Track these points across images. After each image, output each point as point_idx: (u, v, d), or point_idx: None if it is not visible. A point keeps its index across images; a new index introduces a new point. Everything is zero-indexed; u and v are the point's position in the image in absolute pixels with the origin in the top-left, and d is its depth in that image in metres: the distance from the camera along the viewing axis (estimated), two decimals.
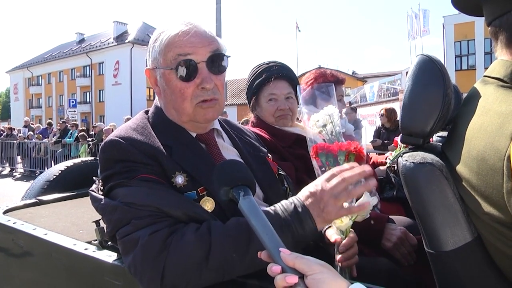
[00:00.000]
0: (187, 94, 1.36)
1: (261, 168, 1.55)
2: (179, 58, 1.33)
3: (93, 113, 45.82)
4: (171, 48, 1.34)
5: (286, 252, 0.91)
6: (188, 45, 1.33)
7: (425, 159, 1.21)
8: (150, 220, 1.17)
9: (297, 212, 1.17)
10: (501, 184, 0.98)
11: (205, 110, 1.39)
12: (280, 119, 2.20)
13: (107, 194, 1.29)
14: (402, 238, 1.78)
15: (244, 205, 1.01)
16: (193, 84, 1.35)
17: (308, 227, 1.16)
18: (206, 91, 1.36)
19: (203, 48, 1.35)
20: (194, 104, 1.37)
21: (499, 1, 1.14)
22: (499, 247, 1.09)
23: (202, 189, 1.30)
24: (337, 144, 1.37)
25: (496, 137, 1.01)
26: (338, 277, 0.88)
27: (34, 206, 2.30)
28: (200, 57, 1.34)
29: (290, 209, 1.18)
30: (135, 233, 1.16)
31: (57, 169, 2.76)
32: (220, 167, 1.14)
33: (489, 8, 1.19)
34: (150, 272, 1.12)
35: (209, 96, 1.37)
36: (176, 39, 1.34)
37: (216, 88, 1.39)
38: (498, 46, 1.19)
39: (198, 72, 1.34)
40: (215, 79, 1.38)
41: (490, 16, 1.18)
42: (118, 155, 1.29)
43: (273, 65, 2.28)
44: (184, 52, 1.33)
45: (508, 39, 1.15)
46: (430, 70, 1.28)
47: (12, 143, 16.57)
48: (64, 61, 49.68)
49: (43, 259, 1.76)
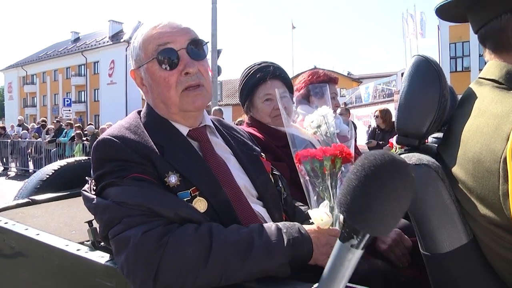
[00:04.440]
0: (172, 82, 1.37)
1: (254, 167, 1.54)
2: (159, 48, 1.36)
3: (88, 112, 45.73)
4: (150, 41, 1.38)
5: None
6: (166, 35, 1.37)
7: (421, 160, 1.20)
8: (141, 219, 1.16)
9: (300, 233, 1.22)
10: (497, 186, 0.98)
11: (193, 98, 1.39)
12: (277, 119, 2.19)
13: (100, 193, 1.27)
14: (397, 240, 1.78)
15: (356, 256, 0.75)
16: (176, 71, 1.37)
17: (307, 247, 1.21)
18: (190, 76, 1.38)
19: (181, 36, 1.38)
20: (180, 91, 1.37)
21: (482, 11, 1.17)
22: (494, 249, 1.09)
23: (195, 189, 1.29)
24: (322, 149, 1.35)
25: (492, 138, 1.01)
26: None
27: (26, 206, 2.28)
28: (179, 45, 1.37)
29: (293, 229, 1.23)
30: (127, 231, 1.15)
31: (50, 169, 2.74)
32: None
33: (474, 18, 1.22)
34: (142, 272, 1.10)
35: (193, 81, 1.38)
36: (153, 31, 1.39)
37: (200, 73, 1.40)
38: (486, 52, 1.22)
39: (180, 59, 1.37)
40: (198, 65, 1.39)
41: (476, 25, 1.21)
42: (111, 153, 1.28)
43: (266, 65, 2.27)
44: (163, 41, 1.36)
45: (494, 45, 1.18)
46: (426, 71, 1.27)
47: (6, 142, 16.48)
48: (59, 60, 49.57)
49: (35, 260, 1.74)
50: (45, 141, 14.95)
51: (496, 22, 1.13)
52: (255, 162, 1.56)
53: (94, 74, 45.76)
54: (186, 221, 1.19)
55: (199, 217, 1.22)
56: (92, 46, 45.98)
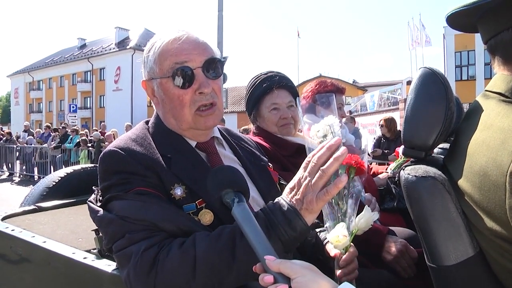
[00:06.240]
0: (186, 101, 1.37)
1: (262, 176, 1.54)
2: (175, 66, 1.35)
3: (93, 118, 45.89)
4: (166, 57, 1.36)
5: (271, 259, 0.91)
6: (183, 53, 1.35)
7: (428, 172, 1.20)
8: (144, 235, 1.17)
9: (282, 211, 1.14)
10: (503, 200, 0.98)
11: (205, 118, 1.39)
12: (284, 128, 2.20)
13: (105, 205, 1.29)
14: (403, 251, 1.78)
15: (238, 211, 1.01)
16: (191, 90, 1.36)
17: (298, 224, 1.12)
18: (204, 95, 1.37)
19: (197, 54, 1.37)
20: (193, 111, 1.38)
21: (492, 22, 1.17)
22: (501, 262, 1.09)
23: (201, 201, 1.29)
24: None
25: (499, 152, 1.01)
26: (321, 278, 0.87)
27: (33, 213, 2.28)
28: (195, 64, 1.36)
29: (274, 209, 1.16)
30: (129, 248, 1.17)
31: (56, 176, 2.75)
32: (215, 172, 1.14)
33: (484, 28, 1.22)
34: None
35: (207, 100, 1.38)
36: (170, 46, 1.36)
37: (214, 93, 1.40)
38: (495, 63, 1.22)
39: (195, 78, 1.36)
40: (212, 84, 1.39)
41: (486, 36, 1.21)
42: (117, 166, 1.29)
43: (272, 75, 2.28)
44: (180, 60, 1.35)
45: (504, 57, 1.18)
46: (432, 84, 1.28)
47: (12, 148, 16.56)
48: (65, 66, 49.88)
49: (42, 267, 1.74)
50: (50, 147, 15.01)
51: (506, 33, 1.13)
52: (263, 172, 1.57)
53: (100, 80, 45.98)
54: (188, 235, 1.19)
55: (201, 230, 1.22)
56: (98, 52, 46.25)
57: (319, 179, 1.12)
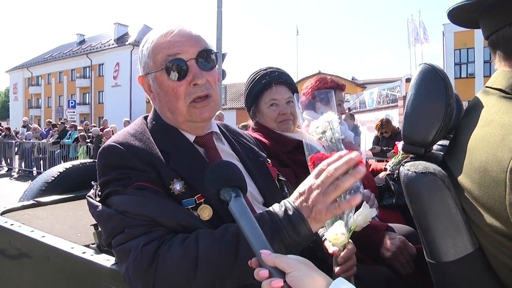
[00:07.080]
0: (180, 93, 1.36)
1: (260, 173, 1.54)
2: (168, 58, 1.35)
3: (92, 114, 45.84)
4: (159, 50, 1.36)
5: (266, 253, 0.90)
6: (175, 45, 1.35)
7: (427, 168, 1.20)
8: (143, 230, 1.17)
9: (288, 215, 1.12)
10: (503, 196, 0.98)
11: (200, 110, 1.39)
12: (283, 124, 2.20)
13: (104, 200, 1.28)
14: (401, 247, 1.78)
15: (235, 206, 1.00)
16: (185, 82, 1.36)
17: (302, 230, 1.10)
18: (198, 87, 1.37)
19: (190, 46, 1.36)
20: (188, 103, 1.37)
21: (494, 17, 1.17)
22: (500, 259, 1.09)
23: (200, 196, 1.29)
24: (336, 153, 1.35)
25: (499, 148, 1.01)
26: (316, 273, 0.87)
27: (32, 207, 2.29)
28: (188, 55, 1.36)
29: (280, 212, 1.13)
30: (128, 243, 1.16)
31: (55, 171, 2.75)
32: (212, 167, 1.13)
33: (485, 24, 1.21)
34: (141, 286, 1.13)
35: (202, 92, 1.38)
36: (162, 39, 1.36)
37: (208, 84, 1.40)
38: (496, 59, 1.22)
39: (189, 70, 1.36)
40: (207, 75, 1.39)
41: (487, 31, 1.21)
42: (115, 161, 1.29)
43: (271, 70, 2.28)
44: (173, 52, 1.35)
45: (505, 52, 1.18)
46: (433, 80, 1.27)
47: (11, 143, 16.55)
48: (64, 62, 49.80)
49: (40, 262, 1.74)
50: (49, 142, 15.00)
51: (507, 29, 1.13)
52: (261, 168, 1.57)
53: (98, 76, 45.94)
54: (187, 230, 1.19)
55: (200, 225, 1.22)
56: (97, 48, 46.21)
57: (332, 192, 1.08)
